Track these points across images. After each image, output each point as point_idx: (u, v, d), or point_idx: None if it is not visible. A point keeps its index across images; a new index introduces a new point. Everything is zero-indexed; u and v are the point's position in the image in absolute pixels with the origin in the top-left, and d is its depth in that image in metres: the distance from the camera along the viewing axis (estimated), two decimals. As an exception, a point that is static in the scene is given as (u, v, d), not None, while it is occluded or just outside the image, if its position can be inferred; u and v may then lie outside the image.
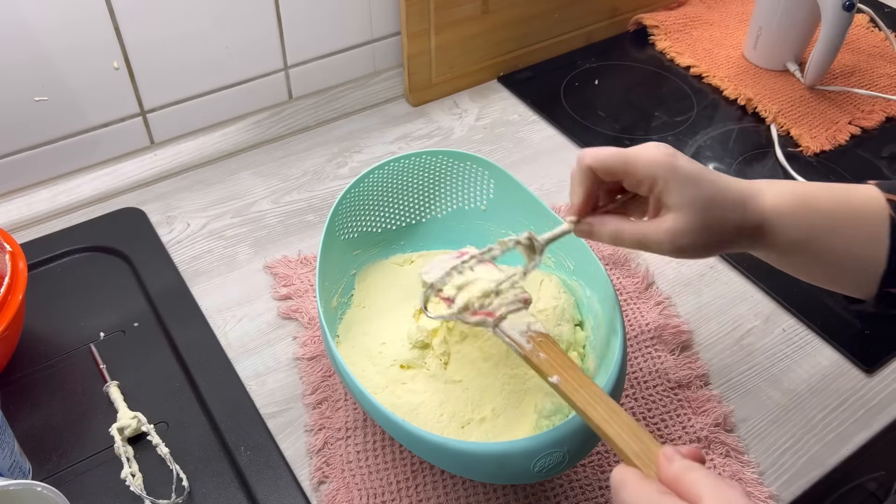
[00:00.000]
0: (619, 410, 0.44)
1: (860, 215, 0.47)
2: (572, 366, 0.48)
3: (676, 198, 0.46)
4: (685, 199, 0.46)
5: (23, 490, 0.47)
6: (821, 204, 0.48)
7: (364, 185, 0.67)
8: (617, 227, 0.48)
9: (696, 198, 0.46)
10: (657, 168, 0.46)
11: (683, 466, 0.37)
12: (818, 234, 0.48)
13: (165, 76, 0.81)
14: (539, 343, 0.50)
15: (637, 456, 0.41)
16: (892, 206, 0.47)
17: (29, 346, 0.67)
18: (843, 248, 0.47)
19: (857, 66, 1.02)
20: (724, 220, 0.47)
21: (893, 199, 0.47)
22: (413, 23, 0.89)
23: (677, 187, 0.46)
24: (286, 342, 0.69)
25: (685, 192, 0.46)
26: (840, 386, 0.66)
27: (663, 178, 0.46)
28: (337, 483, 0.58)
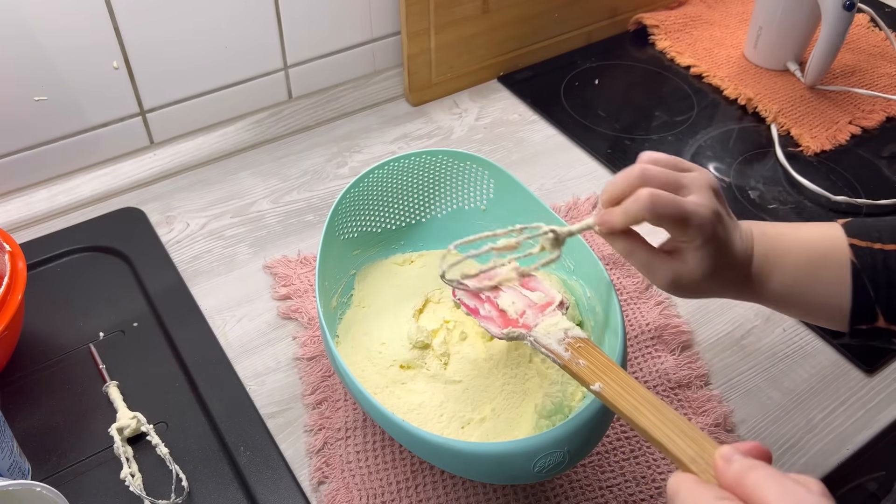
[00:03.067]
0: (668, 412, 0.41)
1: (826, 264, 0.50)
2: (615, 369, 0.46)
3: (700, 260, 0.47)
4: (706, 262, 0.47)
5: (22, 490, 0.47)
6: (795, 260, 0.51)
7: (364, 184, 0.66)
8: (632, 245, 0.49)
9: (715, 263, 0.47)
10: (703, 229, 0.46)
11: (745, 466, 0.34)
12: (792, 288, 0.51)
13: (165, 76, 0.81)
14: (578, 349, 0.48)
15: (693, 461, 0.37)
16: (853, 251, 0.49)
17: (28, 346, 0.67)
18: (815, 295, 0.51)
19: (858, 65, 1.01)
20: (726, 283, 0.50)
21: (854, 243, 0.50)
22: (413, 22, 0.89)
23: (706, 252, 0.47)
24: (286, 342, 0.69)
25: (708, 257, 0.47)
26: (840, 386, 0.66)
27: (702, 238, 0.46)
28: (337, 483, 0.58)
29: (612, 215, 0.47)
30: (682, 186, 0.47)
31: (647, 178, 0.46)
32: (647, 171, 0.47)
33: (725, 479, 0.35)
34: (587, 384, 0.46)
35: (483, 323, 0.55)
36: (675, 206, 0.45)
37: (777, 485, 0.32)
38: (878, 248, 0.49)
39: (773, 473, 0.33)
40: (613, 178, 0.48)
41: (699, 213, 0.45)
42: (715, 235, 0.46)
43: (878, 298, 0.48)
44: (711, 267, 0.47)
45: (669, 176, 0.47)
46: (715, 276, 0.48)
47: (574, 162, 0.89)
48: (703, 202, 0.46)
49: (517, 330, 0.52)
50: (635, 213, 0.45)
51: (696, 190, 0.47)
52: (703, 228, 0.46)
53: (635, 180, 0.46)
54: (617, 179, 0.47)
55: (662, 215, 0.45)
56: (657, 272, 0.49)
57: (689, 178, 0.47)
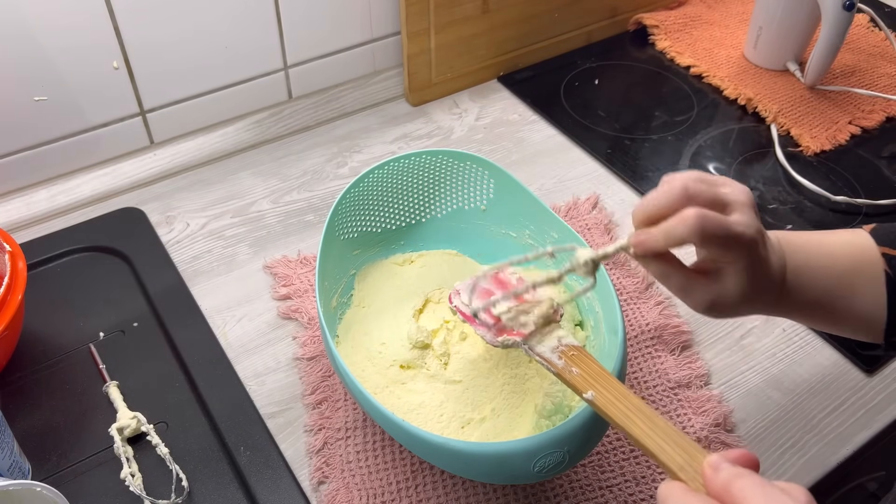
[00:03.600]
0: (659, 420, 0.41)
1: (860, 276, 0.48)
2: (608, 378, 0.46)
3: (741, 280, 0.45)
4: (747, 282, 0.45)
5: (22, 490, 0.47)
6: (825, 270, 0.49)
7: (364, 184, 0.66)
8: (669, 268, 0.46)
9: (754, 281, 0.45)
10: (748, 250, 0.44)
11: (731, 475, 0.34)
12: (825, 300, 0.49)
13: (165, 76, 0.81)
14: (571, 357, 0.48)
15: (682, 468, 0.38)
16: (887, 261, 0.48)
17: (28, 346, 0.67)
18: (848, 307, 0.49)
19: (858, 65, 1.02)
20: (761, 301, 0.47)
21: (887, 252, 0.48)
22: (413, 22, 0.89)
23: (748, 272, 0.44)
24: (286, 342, 0.69)
25: (749, 277, 0.44)
26: (840, 386, 0.66)
27: (747, 259, 0.44)
28: (337, 483, 0.58)
29: (651, 237, 0.43)
30: (726, 204, 0.44)
31: (690, 196, 0.42)
32: (689, 188, 0.43)
33: (713, 487, 0.35)
34: (580, 392, 0.46)
35: (479, 331, 0.55)
36: (725, 227, 0.42)
37: (762, 493, 0.33)
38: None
39: (759, 481, 0.33)
40: (651, 195, 0.44)
41: (747, 235, 0.43)
42: (757, 255, 0.44)
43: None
44: (750, 287, 0.45)
45: (712, 193, 0.44)
46: (753, 294, 0.45)
47: (574, 162, 0.89)
48: (746, 221, 0.43)
49: (512, 338, 0.52)
50: (680, 235, 0.42)
51: (737, 207, 0.44)
52: (749, 249, 0.43)
53: (677, 198, 0.42)
54: (655, 197, 0.43)
55: (711, 237, 0.42)
56: (696, 295, 0.46)
57: (729, 194, 0.44)
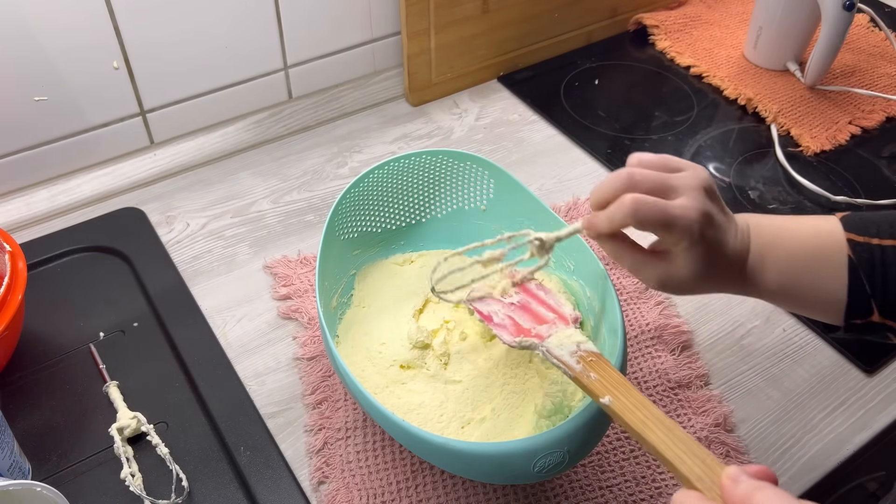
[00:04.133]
0: (677, 429, 0.42)
1: (824, 259, 0.50)
2: (627, 385, 0.46)
3: (688, 261, 0.47)
4: (695, 263, 0.47)
5: (22, 490, 0.47)
6: (792, 254, 0.51)
7: (364, 185, 0.66)
8: (620, 248, 0.49)
9: (705, 263, 0.47)
10: (689, 232, 0.46)
11: (752, 487, 0.35)
12: (789, 282, 0.51)
13: (165, 76, 0.81)
14: (590, 363, 0.48)
15: (699, 479, 0.38)
16: (851, 246, 0.49)
17: (29, 346, 0.67)
18: (810, 289, 0.51)
19: (858, 65, 1.02)
20: (720, 280, 0.50)
21: (852, 237, 0.49)
22: (413, 23, 0.89)
23: (695, 253, 0.47)
24: (286, 342, 0.69)
25: (697, 258, 0.47)
26: (840, 386, 0.66)
27: (689, 241, 0.46)
28: (337, 483, 0.58)
29: (598, 220, 0.47)
30: (671, 189, 0.47)
31: (634, 182, 0.46)
32: (634, 174, 0.46)
33: (732, 499, 0.35)
34: (597, 397, 0.46)
35: (496, 330, 0.55)
36: (659, 210, 0.45)
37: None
38: (875, 243, 0.49)
39: (780, 494, 0.33)
40: (600, 182, 0.47)
41: (685, 216, 0.45)
42: (703, 237, 0.46)
43: (874, 293, 0.48)
44: (700, 267, 0.47)
45: (657, 179, 0.47)
46: (706, 275, 0.48)
47: (574, 162, 0.89)
48: (689, 204, 0.46)
49: (529, 339, 0.52)
50: (620, 220, 0.45)
51: (685, 191, 0.46)
52: (690, 231, 0.45)
53: (621, 184, 0.46)
54: (604, 183, 0.47)
55: (646, 221, 0.45)
56: (646, 273, 0.49)
57: (678, 179, 0.47)
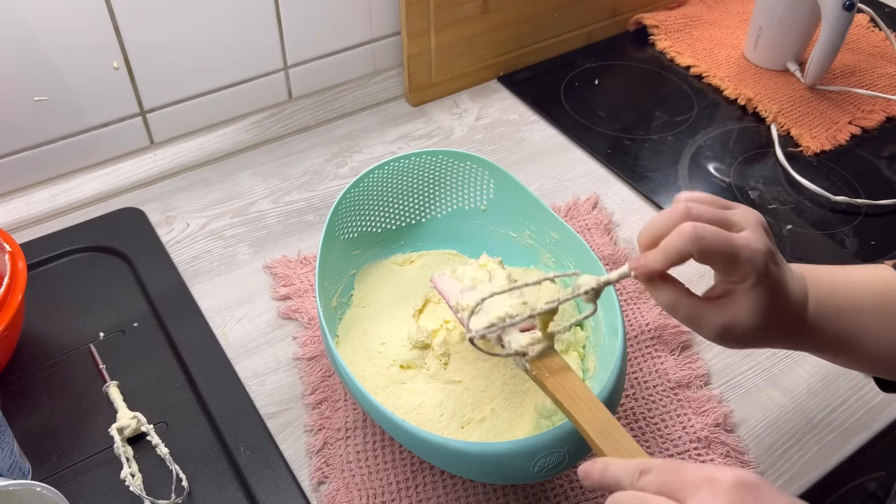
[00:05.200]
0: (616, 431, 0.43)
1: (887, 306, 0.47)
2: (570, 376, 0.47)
3: (753, 303, 0.43)
4: (760, 305, 0.43)
5: (22, 490, 0.47)
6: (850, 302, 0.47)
7: (364, 185, 0.67)
8: (675, 298, 0.45)
9: (769, 307, 0.43)
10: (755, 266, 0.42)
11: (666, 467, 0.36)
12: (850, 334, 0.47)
13: (165, 76, 0.81)
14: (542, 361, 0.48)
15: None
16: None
17: (29, 346, 0.67)
18: (874, 342, 0.47)
19: (858, 65, 1.01)
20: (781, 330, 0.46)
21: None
22: (413, 23, 0.89)
23: (759, 294, 0.43)
24: (286, 342, 0.69)
25: (762, 299, 0.43)
26: (840, 386, 0.66)
27: (755, 277, 0.42)
28: (337, 483, 0.58)
29: (650, 256, 0.43)
30: (732, 224, 0.43)
31: (694, 215, 0.42)
32: (691, 208, 0.43)
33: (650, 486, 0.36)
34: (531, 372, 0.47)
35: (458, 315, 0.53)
36: (723, 238, 0.41)
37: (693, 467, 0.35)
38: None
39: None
40: (653, 218, 0.44)
41: (750, 247, 0.42)
42: (768, 274, 0.43)
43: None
44: (765, 311, 0.43)
45: (717, 213, 0.43)
46: (770, 321, 0.44)
47: (574, 162, 0.89)
48: (752, 237, 0.42)
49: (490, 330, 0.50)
50: (678, 249, 0.41)
51: (745, 227, 0.43)
52: (755, 265, 0.42)
53: (678, 219, 0.42)
54: (656, 219, 0.43)
55: (709, 249, 0.41)
56: (706, 322, 0.44)
57: (736, 215, 0.44)
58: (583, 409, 0.44)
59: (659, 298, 0.45)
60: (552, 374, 0.47)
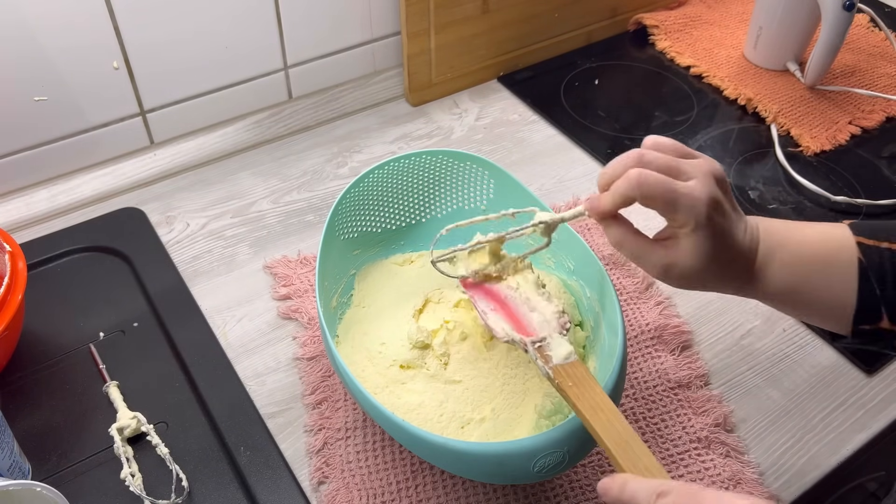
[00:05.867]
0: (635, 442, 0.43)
1: (833, 262, 0.49)
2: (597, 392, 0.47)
3: (693, 247, 0.46)
4: (701, 250, 0.46)
5: (22, 490, 0.47)
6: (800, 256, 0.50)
7: (364, 185, 0.67)
8: (623, 233, 0.48)
9: (711, 252, 0.46)
10: (695, 213, 0.45)
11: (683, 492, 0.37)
12: (796, 285, 0.50)
13: (165, 76, 0.81)
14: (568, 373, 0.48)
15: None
16: (861, 249, 0.49)
17: (29, 346, 0.67)
18: (818, 294, 0.50)
19: (858, 65, 1.02)
20: (726, 276, 0.48)
21: (862, 241, 0.49)
22: (413, 23, 0.89)
23: (700, 238, 0.45)
24: (286, 342, 0.69)
25: (703, 244, 0.46)
26: (840, 386, 0.66)
27: (695, 223, 0.45)
28: (337, 483, 0.58)
29: (602, 198, 0.47)
30: (681, 172, 0.46)
31: (644, 162, 0.46)
32: (644, 155, 0.46)
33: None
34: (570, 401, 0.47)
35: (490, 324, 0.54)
36: (665, 185, 0.44)
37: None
38: (885, 246, 0.48)
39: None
40: (609, 164, 0.47)
41: (690, 195, 0.44)
42: (710, 221, 0.45)
43: (885, 298, 0.48)
44: (706, 255, 0.46)
45: (668, 161, 0.46)
46: (712, 266, 0.47)
47: (574, 162, 0.89)
48: (697, 186, 0.45)
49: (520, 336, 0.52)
50: (623, 193, 0.45)
51: (695, 175, 0.46)
52: (695, 211, 0.45)
53: (630, 163, 0.46)
54: (612, 163, 0.47)
55: (651, 195, 0.44)
56: (649, 260, 0.48)
57: (689, 164, 0.47)
58: (603, 420, 0.45)
59: (609, 235, 0.49)
60: (575, 384, 0.47)
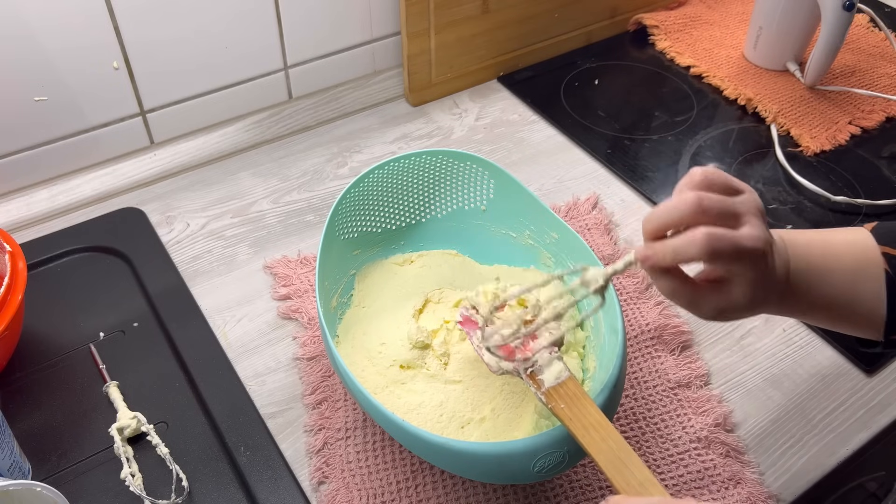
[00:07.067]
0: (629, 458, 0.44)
1: (861, 275, 0.49)
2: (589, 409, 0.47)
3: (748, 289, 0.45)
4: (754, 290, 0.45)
5: (22, 490, 0.47)
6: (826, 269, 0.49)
7: (364, 185, 0.67)
8: (676, 284, 0.46)
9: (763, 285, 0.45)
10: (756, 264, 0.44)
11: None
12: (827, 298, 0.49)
13: (165, 76, 0.81)
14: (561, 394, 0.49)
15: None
16: (887, 260, 0.48)
17: (29, 346, 0.67)
18: (849, 305, 0.49)
19: (857, 66, 1.02)
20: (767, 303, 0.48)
21: (887, 251, 0.48)
22: (413, 23, 0.89)
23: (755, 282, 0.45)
24: (286, 342, 0.69)
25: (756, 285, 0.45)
26: (840, 386, 0.66)
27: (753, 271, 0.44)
28: (337, 483, 0.58)
29: (658, 254, 0.44)
30: (738, 215, 0.44)
31: (704, 210, 0.42)
32: (703, 202, 0.42)
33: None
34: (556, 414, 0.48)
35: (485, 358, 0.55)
36: (734, 244, 0.42)
37: None
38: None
39: None
40: (662, 207, 0.44)
41: (755, 248, 0.43)
42: (764, 265, 0.45)
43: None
44: (758, 290, 0.45)
45: (725, 205, 0.43)
46: (760, 296, 0.46)
47: (574, 162, 0.89)
48: (756, 234, 0.43)
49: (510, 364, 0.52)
50: (690, 256, 0.42)
51: (749, 220, 0.44)
52: (757, 261, 0.44)
53: (691, 212, 0.42)
54: (667, 209, 0.43)
55: (720, 256, 0.42)
56: (704, 304, 0.46)
57: (742, 204, 0.44)
58: (596, 440, 0.45)
59: (659, 285, 0.47)
60: (567, 405, 0.48)
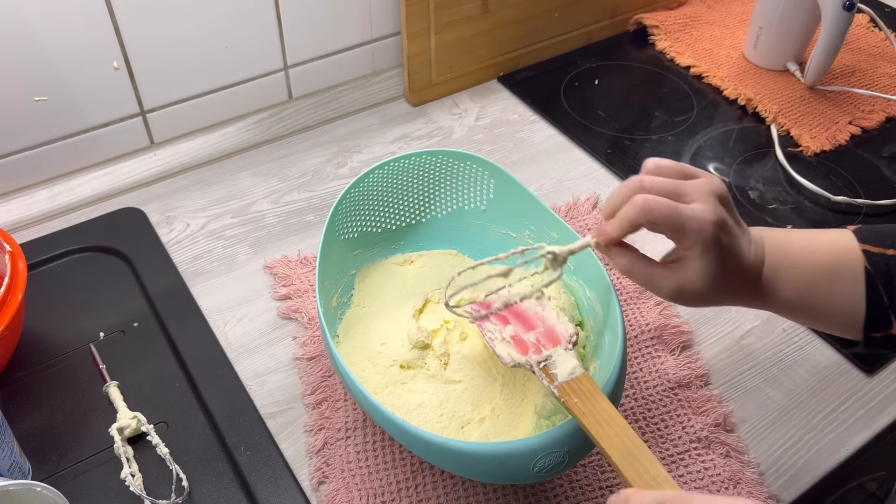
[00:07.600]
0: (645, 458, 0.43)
1: (840, 271, 0.49)
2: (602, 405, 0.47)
3: (702, 268, 0.46)
4: (709, 270, 0.46)
5: (22, 490, 0.47)
6: (806, 267, 0.50)
7: (364, 185, 0.67)
8: (631, 261, 0.48)
9: (720, 271, 0.46)
10: (702, 235, 0.45)
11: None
12: (804, 295, 0.50)
13: (165, 76, 0.81)
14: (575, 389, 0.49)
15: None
16: (867, 257, 0.49)
17: (29, 346, 0.67)
18: (827, 302, 0.50)
19: (857, 66, 1.02)
20: (734, 291, 0.49)
21: (868, 248, 0.49)
22: (413, 23, 0.89)
23: (709, 260, 0.46)
24: (286, 342, 0.69)
25: (711, 265, 0.46)
26: (840, 386, 0.66)
27: (702, 245, 0.45)
28: (337, 483, 0.58)
29: (608, 225, 0.47)
30: (684, 194, 0.46)
31: (647, 187, 0.46)
32: (646, 181, 0.46)
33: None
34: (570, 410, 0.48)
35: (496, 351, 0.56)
36: (670, 210, 0.45)
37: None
38: (891, 253, 0.48)
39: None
40: (614, 190, 0.47)
41: (696, 218, 0.45)
42: (717, 242, 0.45)
43: (893, 305, 0.48)
44: (715, 275, 0.46)
45: (669, 184, 0.46)
46: (721, 284, 0.47)
47: (574, 162, 0.89)
48: (701, 208, 0.45)
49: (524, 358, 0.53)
50: (629, 218, 0.45)
51: (698, 197, 0.46)
52: (703, 234, 0.45)
53: (633, 190, 0.46)
54: (615, 192, 0.47)
55: (657, 220, 0.45)
56: (659, 285, 0.48)
57: (691, 185, 0.47)
58: (609, 435, 0.45)
59: (616, 264, 0.49)
60: (581, 399, 0.48)
